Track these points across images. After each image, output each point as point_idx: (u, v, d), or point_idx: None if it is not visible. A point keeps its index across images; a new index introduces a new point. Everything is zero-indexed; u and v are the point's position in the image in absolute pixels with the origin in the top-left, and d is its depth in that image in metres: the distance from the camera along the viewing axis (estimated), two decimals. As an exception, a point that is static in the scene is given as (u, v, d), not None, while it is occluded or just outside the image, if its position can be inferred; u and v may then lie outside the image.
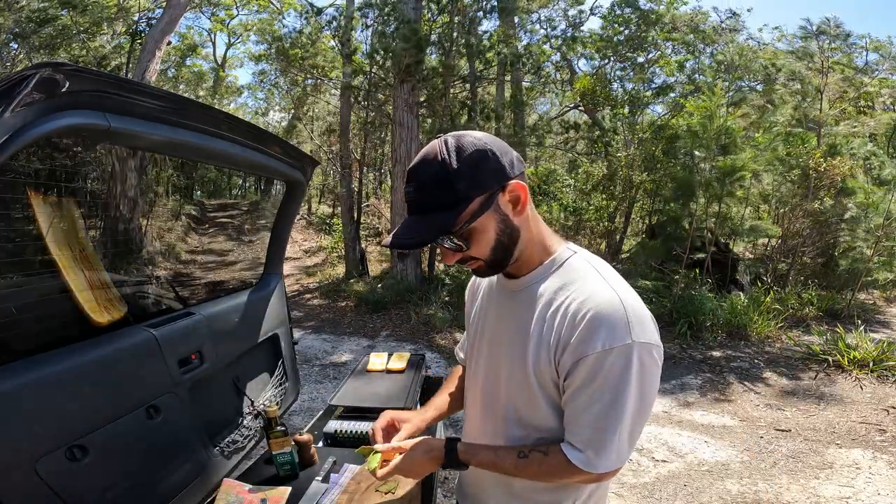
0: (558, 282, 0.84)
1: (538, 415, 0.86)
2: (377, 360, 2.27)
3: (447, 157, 0.77)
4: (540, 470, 0.85)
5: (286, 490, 1.37)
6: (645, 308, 0.79)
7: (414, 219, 0.80)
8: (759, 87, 8.54)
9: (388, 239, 0.81)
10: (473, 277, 1.08)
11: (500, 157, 0.79)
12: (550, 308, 0.82)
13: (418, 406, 1.95)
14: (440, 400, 1.19)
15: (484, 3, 7.78)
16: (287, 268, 9.87)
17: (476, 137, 0.79)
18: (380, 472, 0.96)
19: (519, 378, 0.86)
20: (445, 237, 0.79)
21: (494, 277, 0.97)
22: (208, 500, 1.49)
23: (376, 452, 0.99)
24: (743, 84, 8.09)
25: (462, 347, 1.19)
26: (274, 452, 1.44)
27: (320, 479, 1.45)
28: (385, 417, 1.09)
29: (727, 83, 6.39)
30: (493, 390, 0.93)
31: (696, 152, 5.80)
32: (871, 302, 7.37)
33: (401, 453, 0.97)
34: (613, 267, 0.88)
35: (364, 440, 1.67)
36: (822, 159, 6.80)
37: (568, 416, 0.81)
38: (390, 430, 1.07)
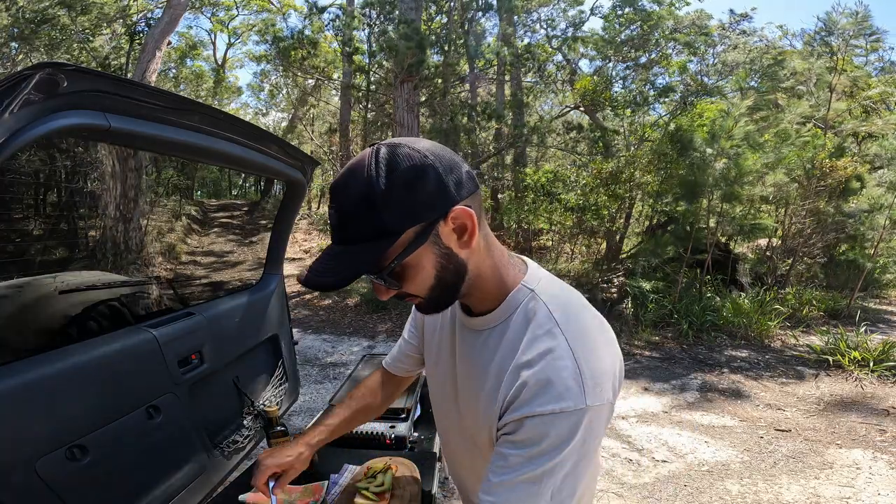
0: (513, 331, 0.73)
1: (487, 452, 0.79)
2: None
3: (373, 174, 0.61)
4: None
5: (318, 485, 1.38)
6: (604, 360, 0.70)
7: (335, 249, 0.65)
8: (762, 89, 8.55)
9: (304, 272, 0.66)
10: None
11: (444, 176, 0.63)
12: (502, 363, 0.73)
13: (418, 407, 1.95)
14: (332, 422, 1.15)
15: (482, 2, 7.79)
16: (287, 268, 9.88)
17: (415, 149, 0.63)
18: None
19: (470, 421, 0.81)
20: (377, 275, 0.66)
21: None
22: (208, 500, 1.49)
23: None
24: (752, 84, 8.08)
25: (398, 358, 1.16)
26: None
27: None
28: (264, 473, 1.07)
29: (740, 88, 6.39)
30: (454, 423, 0.89)
31: (709, 150, 5.80)
32: (874, 303, 7.37)
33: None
34: (613, 267, 0.85)
35: (365, 439, 1.67)
36: (827, 159, 6.80)
37: (496, 467, 0.69)
38: (275, 476, 1.08)
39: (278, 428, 1.43)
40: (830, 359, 4.70)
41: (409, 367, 1.15)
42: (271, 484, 1.08)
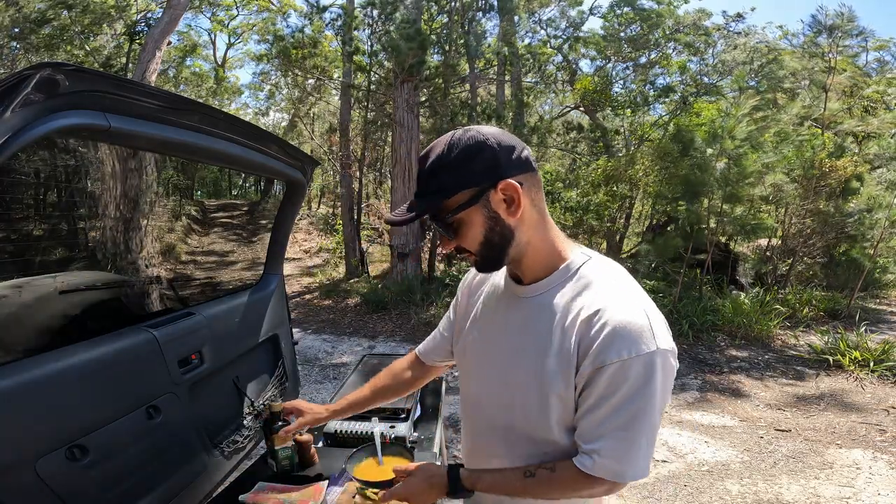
0: (574, 290, 0.81)
1: (547, 429, 0.83)
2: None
3: (445, 148, 0.79)
4: (551, 486, 0.83)
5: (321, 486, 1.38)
6: (660, 314, 0.79)
7: (412, 201, 0.83)
8: (761, 89, 8.54)
9: (388, 215, 0.84)
10: (473, 272, 1.06)
11: (499, 154, 0.78)
12: (568, 318, 0.79)
13: (418, 407, 1.95)
14: (351, 397, 1.27)
15: (483, 2, 7.78)
16: (287, 268, 9.86)
17: (481, 132, 0.79)
18: (380, 495, 1.01)
19: (533, 390, 0.82)
20: (437, 223, 0.82)
21: (501, 281, 0.94)
22: (208, 500, 1.49)
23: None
24: (751, 84, 8.08)
25: (432, 348, 1.20)
26: (276, 447, 1.44)
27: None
28: (292, 403, 1.34)
29: (740, 88, 6.38)
30: (503, 403, 0.88)
31: (710, 150, 5.80)
32: (874, 303, 7.36)
33: (401, 479, 0.98)
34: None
35: (365, 440, 1.67)
36: (827, 159, 6.79)
37: (586, 426, 0.78)
38: (290, 413, 1.34)
39: (280, 423, 1.43)
40: (830, 359, 4.70)
41: (439, 358, 1.20)
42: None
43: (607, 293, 0.78)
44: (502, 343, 0.89)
